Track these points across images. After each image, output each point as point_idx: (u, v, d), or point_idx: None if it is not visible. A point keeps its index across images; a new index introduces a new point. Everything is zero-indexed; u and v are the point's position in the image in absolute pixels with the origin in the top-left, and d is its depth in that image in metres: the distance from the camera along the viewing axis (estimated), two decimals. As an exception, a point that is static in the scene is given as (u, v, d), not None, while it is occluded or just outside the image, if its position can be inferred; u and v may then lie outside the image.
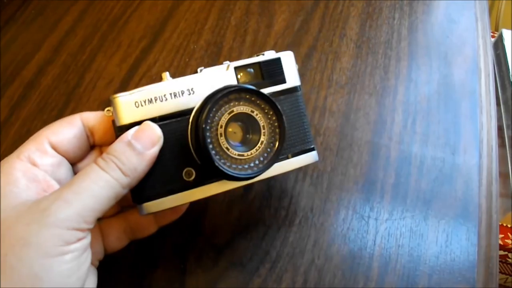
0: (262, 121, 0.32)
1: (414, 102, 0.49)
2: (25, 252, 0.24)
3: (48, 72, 0.52)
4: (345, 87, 0.50)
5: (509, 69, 0.86)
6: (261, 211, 0.41)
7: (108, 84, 0.51)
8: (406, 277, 0.38)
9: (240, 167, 0.31)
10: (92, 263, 0.31)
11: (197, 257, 0.38)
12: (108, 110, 0.31)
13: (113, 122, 0.31)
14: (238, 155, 0.31)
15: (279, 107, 0.31)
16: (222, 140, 0.30)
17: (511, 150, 0.79)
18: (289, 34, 0.54)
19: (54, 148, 0.31)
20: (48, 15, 0.58)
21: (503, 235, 0.78)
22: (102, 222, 0.34)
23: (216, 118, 0.30)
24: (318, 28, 0.55)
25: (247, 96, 0.31)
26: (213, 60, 0.52)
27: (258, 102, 0.31)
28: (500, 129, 0.84)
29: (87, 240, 0.27)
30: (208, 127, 0.30)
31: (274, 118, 0.32)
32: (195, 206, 0.40)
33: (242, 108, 0.31)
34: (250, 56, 0.35)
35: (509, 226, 0.78)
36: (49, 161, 0.30)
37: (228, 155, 0.31)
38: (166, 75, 0.32)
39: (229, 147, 0.30)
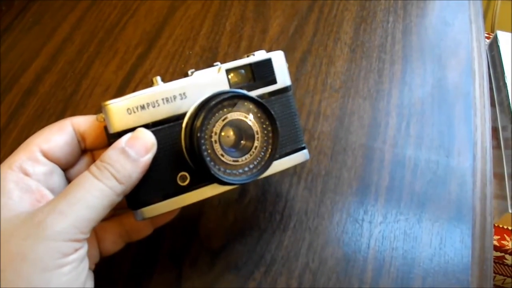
0: (255, 127, 0.32)
1: (408, 105, 0.49)
2: (23, 267, 0.24)
3: (45, 80, 0.53)
4: (339, 91, 0.50)
5: (504, 71, 0.86)
6: (256, 215, 0.41)
7: (104, 91, 0.51)
8: (400, 279, 0.38)
9: (235, 172, 0.31)
10: (88, 267, 0.32)
11: (193, 261, 0.39)
12: (100, 116, 0.31)
13: (106, 128, 0.31)
14: (233, 161, 0.31)
15: (273, 113, 0.32)
16: (216, 147, 0.30)
17: (507, 152, 0.79)
18: (283, 39, 0.55)
19: (46, 155, 0.30)
20: (45, 23, 0.59)
21: (499, 237, 0.78)
22: (97, 226, 0.32)
23: (210, 125, 0.30)
24: (312, 33, 0.56)
25: (241, 102, 0.31)
26: (208, 66, 0.52)
27: (251, 107, 0.32)
28: (495, 130, 0.84)
29: (84, 249, 0.27)
30: (203, 135, 0.30)
31: (267, 123, 0.32)
32: (190, 210, 0.40)
33: (235, 114, 0.31)
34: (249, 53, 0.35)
35: (505, 227, 0.78)
36: (42, 170, 0.29)
37: (223, 162, 0.31)
38: (157, 79, 0.32)
39: (223, 153, 0.31)
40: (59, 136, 0.31)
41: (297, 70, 0.52)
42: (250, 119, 0.32)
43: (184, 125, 0.31)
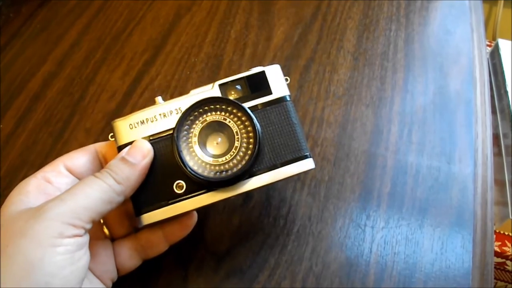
0: (235, 127, 0.34)
1: (410, 113, 0.50)
2: (22, 243, 0.27)
3: (53, 85, 0.54)
4: (342, 99, 0.51)
5: (505, 79, 0.87)
6: (261, 220, 0.42)
7: (111, 97, 0.52)
8: (402, 283, 0.39)
9: (217, 173, 0.33)
10: (104, 282, 0.34)
11: (198, 265, 0.39)
12: (111, 135, 0.35)
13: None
14: (213, 161, 0.33)
15: (248, 110, 0.34)
16: (196, 148, 0.33)
17: (508, 158, 0.80)
18: (288, 47, 0.56)
19: (69, 170, 0.33)
20: (53, 29, 0.60)
21: (500, 243, 0.78)
22: (114, 242, 0.36)
23: (189, 128, 0.33)
24: (316, 41, 0.57)
25: (218, 106, 0.34)
26: (213, 73, 0.53)
27: (229, 109, 0.34)
28: (497, 137, 0.85)
29: (83, 239, 0.29)
30: (182, 136, 0.33)
31: (247, 123, 0.34)
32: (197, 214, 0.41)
33: (214, 116, 0.34)
34: (250, 68, 0.37)
35: (506, 233, 0.78)
36: (63, 181, 0.33)
37: (203, 161, 0.33)
38: (158, 99, 0.35)
39: (204, 154, 0.33)
40: (82, 155, 0.35)
41: (301, 78, 0.53)
42: (229, 121, 0.34)
43: None
